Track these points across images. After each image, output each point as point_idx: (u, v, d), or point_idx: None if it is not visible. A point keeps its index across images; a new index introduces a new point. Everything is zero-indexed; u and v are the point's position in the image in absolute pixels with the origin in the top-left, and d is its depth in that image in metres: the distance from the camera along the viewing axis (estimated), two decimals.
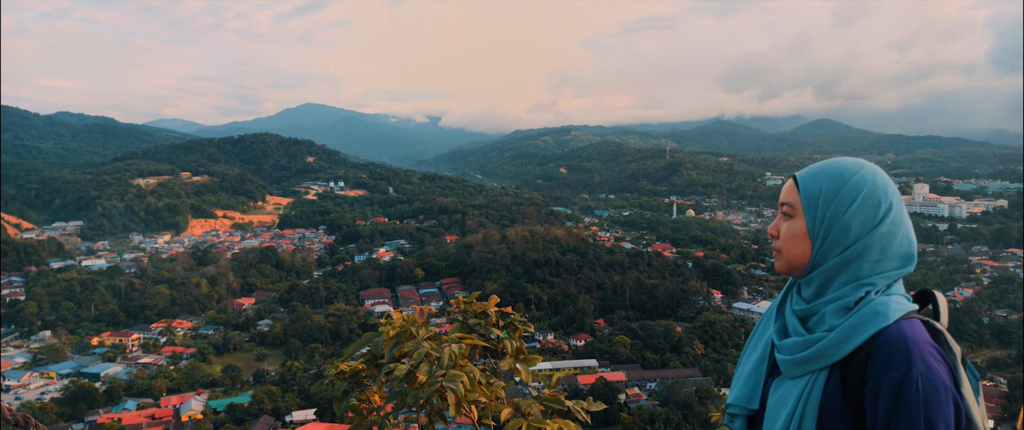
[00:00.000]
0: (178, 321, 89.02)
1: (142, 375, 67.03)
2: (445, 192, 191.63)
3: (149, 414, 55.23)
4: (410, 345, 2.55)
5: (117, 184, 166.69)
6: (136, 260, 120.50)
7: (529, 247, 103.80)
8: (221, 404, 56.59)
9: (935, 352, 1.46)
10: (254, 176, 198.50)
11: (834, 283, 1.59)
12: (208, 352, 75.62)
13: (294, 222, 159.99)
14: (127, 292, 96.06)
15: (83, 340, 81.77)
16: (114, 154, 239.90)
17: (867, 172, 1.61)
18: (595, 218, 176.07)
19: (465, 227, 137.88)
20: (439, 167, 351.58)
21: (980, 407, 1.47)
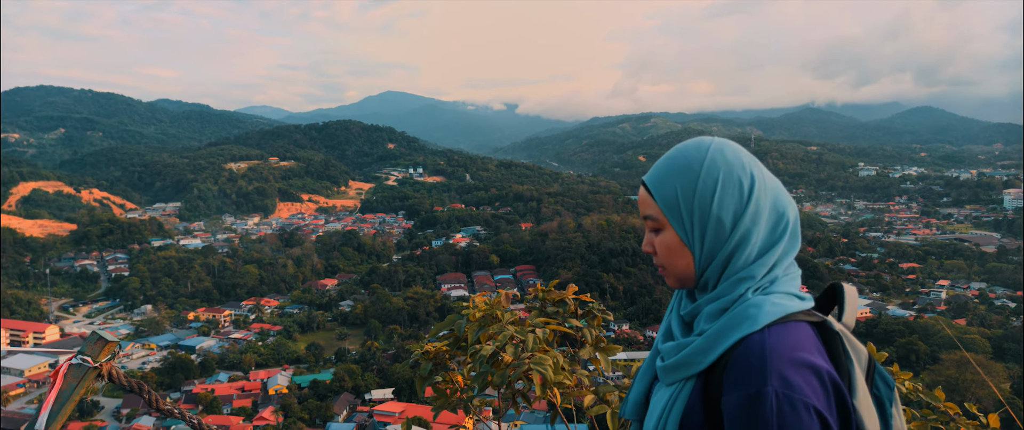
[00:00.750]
0: (266, 299, 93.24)
1: (233, 349, 70.58)
2: (521, 179, 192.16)
3: (239, 386, 58.18)
4: (495, 328, 2.58)
5: (211, 168, 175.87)
6: (228, 240, 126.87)
7: (605, 236, 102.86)
8: (305, 380, 58.96)
9: (804, 365, 1.19)
10: (337, 162, 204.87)
11: (718, 281, 1.35)
12: (293, 330, 78.86)
13: (375, 207, 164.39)
14: (220, 271, 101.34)
15: (180, 314, 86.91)
16: (209, 139, 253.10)
17: (715, 151, 1.36)
18: None
19: (540, 214, 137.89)
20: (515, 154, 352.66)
21: (896, 419, 1.29)
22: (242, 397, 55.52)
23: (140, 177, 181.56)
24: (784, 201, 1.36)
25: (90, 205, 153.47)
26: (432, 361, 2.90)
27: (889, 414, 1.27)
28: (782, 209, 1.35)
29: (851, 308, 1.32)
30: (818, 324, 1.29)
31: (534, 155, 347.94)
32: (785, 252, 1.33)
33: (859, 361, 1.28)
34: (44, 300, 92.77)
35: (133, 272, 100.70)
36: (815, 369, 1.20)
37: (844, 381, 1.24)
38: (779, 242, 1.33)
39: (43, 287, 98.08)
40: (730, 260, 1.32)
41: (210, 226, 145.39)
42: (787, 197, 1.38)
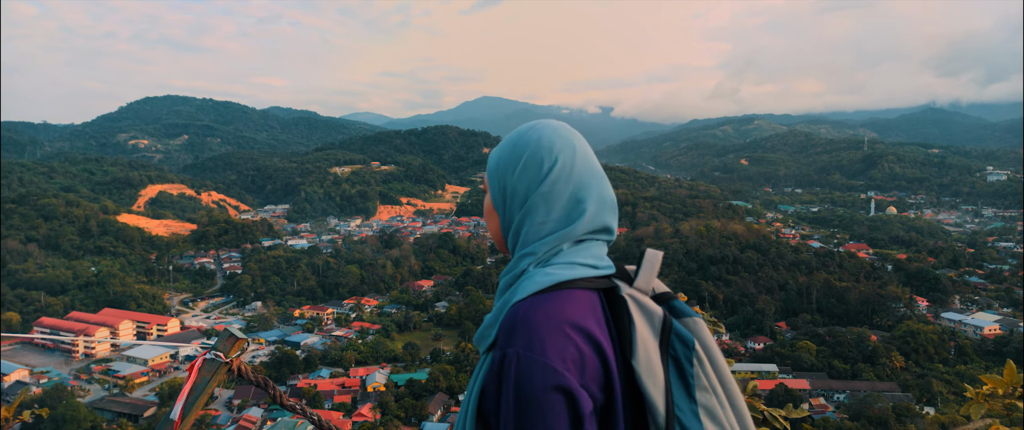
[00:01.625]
0: (366, 299, 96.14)
1: (335, 347, 73.02)
2: (615, 183, 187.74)
3: (340, 383, 60.04)
4: None
5: (318, 172, 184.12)
6: (332, 241, 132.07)
7: (704, 242, 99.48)
8: (401, 378, 60.11)
9: (556, 328, 1.20)
10: (435, 166, 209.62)
11: (513, 253, 1.44)
12: (391, 329, 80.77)
13: (470, 210, 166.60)
14: (324, 270, 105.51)
15: (287, 311, 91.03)
16: (316, 145, 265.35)
17: (537, 132, 1.45)
18: (779, 214, 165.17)
19: (635, 219, 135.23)
20: (610, 158, 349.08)
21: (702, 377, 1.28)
22: (342, 393, 57.24)
23: (253, 180, 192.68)
24: (589, 192, 1.40)
25: (209, 206, 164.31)
26: None
27: (689, 372, 1.27)
28: (582, 197, 1.39)
29: (645, 272, 1.34)
30: (608, 290, 1.33)
31: (630, 158, 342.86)
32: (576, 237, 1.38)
33: (649, 323, 1.30)
34: (167, 295, 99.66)
35: (245, 270, 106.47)
36: (571, 332, 1.21)
37: (624, 342, 1.26)
38: (569, 227, 1.37)
39: (166, 283, 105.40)
40: (520, 232, 1.41)
41: (316, 227, 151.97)
42: (597, 190, 1.41)
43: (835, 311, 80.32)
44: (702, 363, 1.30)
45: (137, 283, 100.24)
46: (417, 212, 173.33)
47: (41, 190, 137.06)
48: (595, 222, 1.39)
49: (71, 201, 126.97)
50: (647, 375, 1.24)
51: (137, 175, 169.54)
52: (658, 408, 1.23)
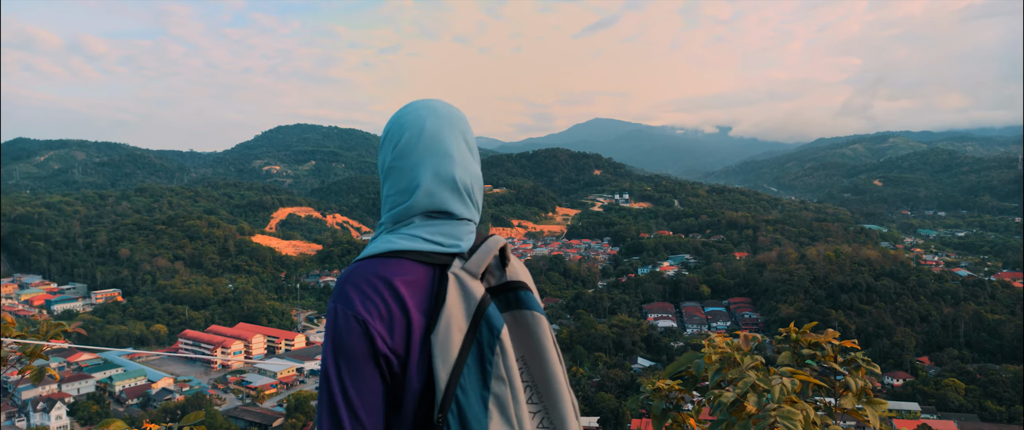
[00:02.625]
0: None
1: None
2: (734, 205, 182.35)
3: None
4: (734, 372, 2.41)
5: None
6: None
7: (833, 268, 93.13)
8: None
9: (371, 287, 1.29)
10: (545, 188, 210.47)
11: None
12: None
13: (581, 232, 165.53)
14: None
15: None
16: None
17: (402, 110, 1.52)
18: (919, 238, 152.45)
19: (757, 243, 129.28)
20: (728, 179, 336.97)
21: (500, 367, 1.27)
22: None
23: (374, 203, 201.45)
24: (424, 169, 1.43)
25: (333, 228, 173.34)
26: (664, 400, 2.78)
27: (488, 360, 1.27)
28: (417, 174, 1.43)
29: (479, 256, 1.34)
30: (442, 267, 1.36)
31: (750, 180, 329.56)
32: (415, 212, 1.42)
33: (465, 303, 1.30)
34: (294, 311, 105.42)
35: None
36: (384, 291, 1.29)
37: (431, 316, 1.30)
38: (407, 202, 1.42)
39: (294, 299, 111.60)
40: (381, 202, 1.52)
41: None
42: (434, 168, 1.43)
43: (987, 346, 72.49)
44: (505, 354, 1.28)
45: (268, 299, 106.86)
46: (528, 234, 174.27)
47: (187, 213, 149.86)
48: (431, 199, 1.42)
49: (213, 222, 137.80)
50: (440, 351, 1.26)
51: (270, 198, 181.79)
52: (439, 385, 1.25)
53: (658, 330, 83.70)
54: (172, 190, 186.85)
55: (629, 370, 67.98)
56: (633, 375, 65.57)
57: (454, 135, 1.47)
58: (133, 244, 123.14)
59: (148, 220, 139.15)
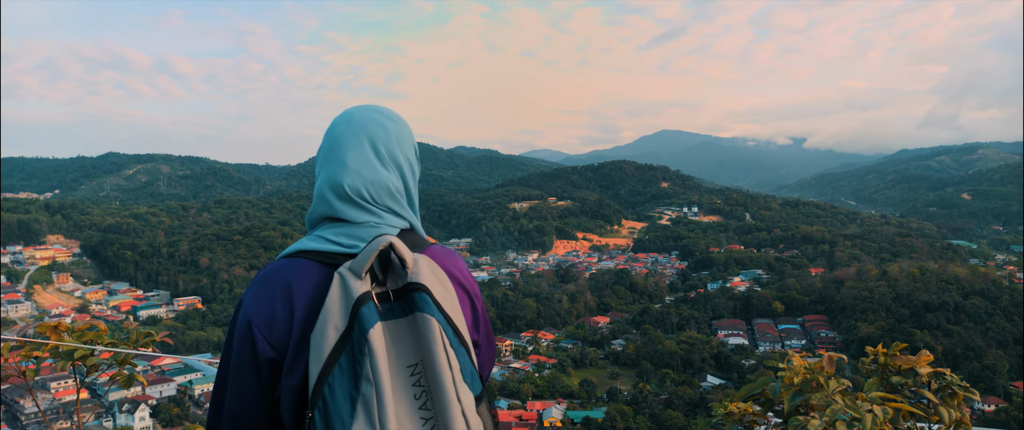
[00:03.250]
0: (542, 332, 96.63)
1: (513, 378, 73.73)
2: (809, 219, 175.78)
3: (517, 415, 60.20)
4: (818, 397, 2.23)
5: (498, 207, 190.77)
6: (510, 274, 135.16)
7: (917, 286, 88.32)
8: (577, 416, 59.03)
9: (263, 288, 1.38)
10: (611, 201, 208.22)
11: None
12: (567, 364, 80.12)
13: (647, 246, 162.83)
14: (502, 302, 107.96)
15: None
16: (496, 182, 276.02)
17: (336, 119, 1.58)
18: (1012, 255, 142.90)
19: (833, 259, 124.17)
20: (803, 192, 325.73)
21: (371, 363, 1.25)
22: (519, 426, 57.24)
23: (440, 215, 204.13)
24: (321, 176, 1.50)
25: None
26: (738, 423, 2.61)
27: (358, 360, 1.27)
28: (318, 181, 1.52)
29: (363, 256, 1.33)
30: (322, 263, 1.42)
31: (826, 193, 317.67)
32: (321, 215, 1.50)
33: (343, 303, 1.31)
34: None
35: None
36: (275, 293, 1.37)
37: (313, 313, 1.35)
38: (311, 208, 1.53)
39: None
40: None
41: (495, 260, 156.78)
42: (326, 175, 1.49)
43: None
44: (373, 355, 1.27)
45: None
46: (593, 247, 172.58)
47: (262, 224, 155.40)
48: (325, 206, 1.48)
49: (286, 233, 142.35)
50: (314, 348, 1.29)
51: None
52: (310, 381, 1.27)
53: (728, 347, 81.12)
54: (249, 202, 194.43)
55: (698, 387, 66.02)
56: (702, 393, 63.62)
57: (356, 141, 1.48)
58: (212, 253, 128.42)
59: (226, 231, 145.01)
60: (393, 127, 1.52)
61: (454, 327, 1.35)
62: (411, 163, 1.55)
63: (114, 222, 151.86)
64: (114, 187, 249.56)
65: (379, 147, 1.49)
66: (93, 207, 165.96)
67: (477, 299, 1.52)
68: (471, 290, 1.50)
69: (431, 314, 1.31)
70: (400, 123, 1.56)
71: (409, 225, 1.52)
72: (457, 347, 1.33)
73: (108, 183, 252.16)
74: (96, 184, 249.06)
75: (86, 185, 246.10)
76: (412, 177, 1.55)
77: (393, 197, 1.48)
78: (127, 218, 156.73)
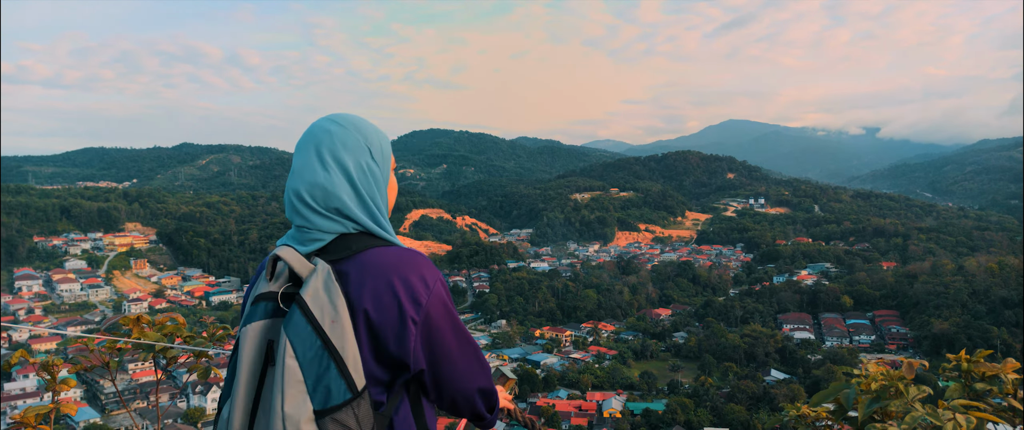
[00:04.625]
0: (603, 323, 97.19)
1: (572, 368, 74.79)
2: (882, 212, 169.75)
3: (577, 405, 61.25)
4: (897, 405, 2.13)
5: (559, 198, 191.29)
6: (571, 265, 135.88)
7: (996, 281, 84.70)
8: (637, 407, 59.58)
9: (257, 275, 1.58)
10: (675, 192, 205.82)
11: None
12: (627, 356, 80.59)
13: (711, 238, 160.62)
14: (563, 293, 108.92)
15: (528, 331, 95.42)
16: (558, 172, 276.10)
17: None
18: None
19: (907, 253, 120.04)
20: (876, 184, 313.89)
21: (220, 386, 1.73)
22: (579, 416, 58.30)
23: (501, 206, 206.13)
24: (292, 189, 1.54)
25: (462, 229, 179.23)
26: (809, 427, 2.55)
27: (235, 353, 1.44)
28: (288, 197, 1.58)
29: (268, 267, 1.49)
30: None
31: (900, 184, 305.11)
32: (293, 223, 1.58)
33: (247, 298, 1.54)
34: None
35: (492, 289, 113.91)
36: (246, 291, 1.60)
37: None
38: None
39: None
40: None
41: (556, 251, 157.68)
42: (287, 185, 1.56)
43: None
44: (237, 352, 1.42)
45: None
46: (655, 239, 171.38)
47: None
48: (287, 211, 1.56)
49: None
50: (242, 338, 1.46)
51: (404, 200, 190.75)
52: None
53: (794, 342, 79.91)
54: None
55: (761, 382, 65.49)
56: (765, 387, 63.14)
57: (306, 149, 1.54)
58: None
59: None
60: (339, 131, 1.53)
61: (325, 340, 1.36)
62: (363, 165, 1.54)
63: (188, 210, 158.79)
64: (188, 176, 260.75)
65: (323, 152, 1.51)
66: (168, 196, 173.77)
67: (430, 309, 1.46)
68: (411, 301, 1.43)
69: (289, 324, 1.37)
70: (349, 127, 1.55)
71: (362, 227, 1.52)
72: (311, 361, 1.35)
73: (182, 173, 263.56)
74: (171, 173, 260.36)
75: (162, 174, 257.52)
76: (365, 178, 1.53)
77: (338, 199, 1.49)
78: (200, 206, 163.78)
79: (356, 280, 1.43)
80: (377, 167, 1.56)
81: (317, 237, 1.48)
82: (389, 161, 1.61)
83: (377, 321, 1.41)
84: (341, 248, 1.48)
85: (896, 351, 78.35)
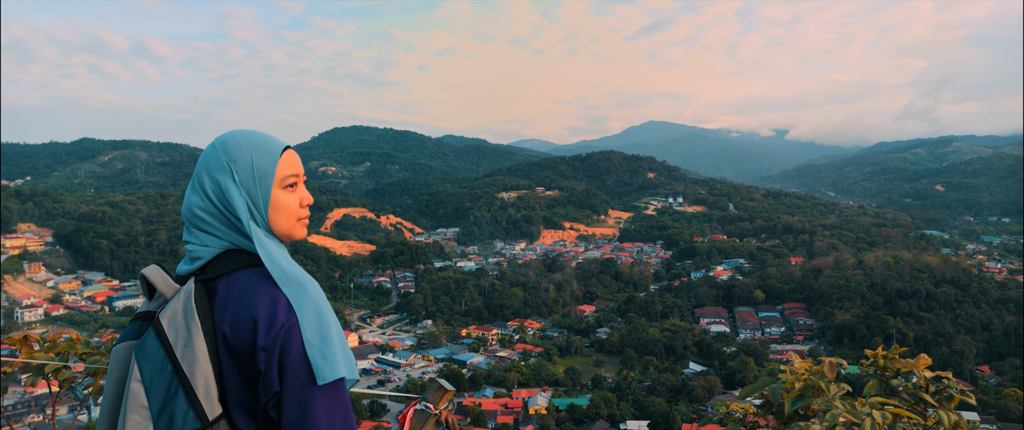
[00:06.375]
0: (529, 321, 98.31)
1: (499, 367, 75.26)
2: (791, 210, 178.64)
3: (503, 403, 61.74)
4: (819, 402, 2.25)
5: (486, 197, 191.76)
6: (498, 264, 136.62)
7: (891, 275, 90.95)
8: (562, 403, 60.71)
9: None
10: (598, 191, 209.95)
11: None
12: (553, 353, 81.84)
13: (633, 236, 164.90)
14: (489, 291, 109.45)
15: (455, 330, 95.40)
16: (485, 171, 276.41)
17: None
18: (982, 245, 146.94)
19: (813, 248, 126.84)
20: (785, 183, 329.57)
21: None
22: (505, 413, 58.81)
23: (427, 205, 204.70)
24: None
25: (386, 229, 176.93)
26: (739, 423, 2.70)
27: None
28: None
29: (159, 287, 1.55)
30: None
31: (807, 184, 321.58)
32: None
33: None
34: (348, 311, 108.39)
35: (418, 289, 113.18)
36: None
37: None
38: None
39: (348, 299, 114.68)
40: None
41: (483, 250, 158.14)
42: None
43: None
44: (109, 369, 1.48)
45: None
46: (579, 237, 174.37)
47: None
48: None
49: None
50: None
51: (325, 199, 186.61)
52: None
53: (710, 335, 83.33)
54: None
55: (680, 374, 68.02)
56: (684, 379, 65.62)
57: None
58: None
59: None
60: (209, 152, 1.54)
61: (176, 365, 1.35)
62: (222, 184, 1.51)
63: (88, 210, 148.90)
64: (88, 174, 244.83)
65: (194, 173, 1.57)
66: (66, 194, 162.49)
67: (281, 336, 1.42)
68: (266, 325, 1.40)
69: (141, 347, 1.40)
70: (218, 147, 1.55)
71: (235, 245, 1.52)
72: (158, 386, 1.34)
73: (82, 170, 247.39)
74: (70, 171, 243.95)
75: (59, 172, 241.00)
76: (219, 197, 1.51)
77: (199, 218, 1.51)
78: (102, 206, 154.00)
79: (222, 300, 1.42)
80: (235, 186, 1.50)
81: (197, 255, 1.50)
82: (267, 178, 1.54)
83: (233, 344, 1.38)
84: (219, 267, 1.49)
85: (804, 342, 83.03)
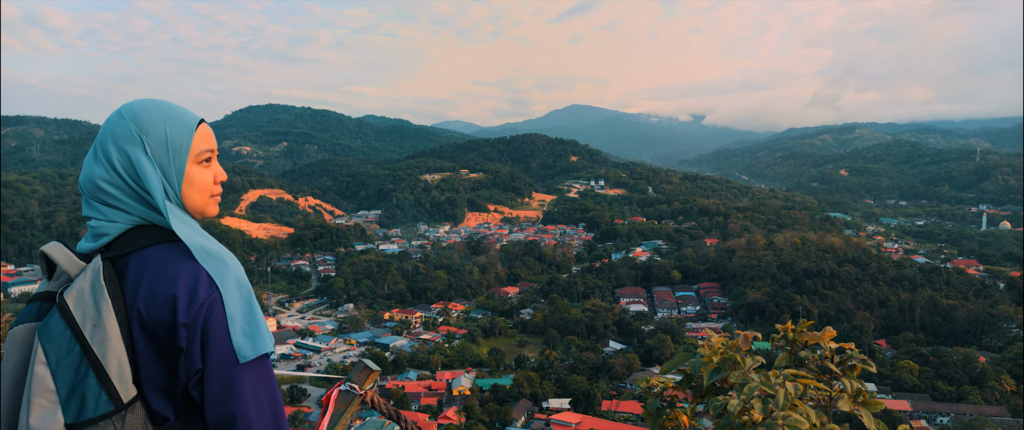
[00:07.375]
0: (453, 304, 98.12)
1: (422, 350, 74.91)
2: (706, 193, 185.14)
3: (427, 385, 61.57)
4: (737, 375, 2.32)
5: (409, 179, 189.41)
6: (421, 247, 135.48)
7: (799, 255, 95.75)
8: (486, 383, 61.03)
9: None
10: (522, 174, 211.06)
11: None
12: (477, 334, 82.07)
13: (556, 218, 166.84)
14: (413, 274, 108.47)
15: (377, 314, 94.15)
16: (407, 152, 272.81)
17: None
18: (880, 227, 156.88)
19: (727, 230, 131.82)
20: (701, 167, 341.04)
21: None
22: (429, 396, 58.66)
23: (348, 186, 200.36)
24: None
25: (305, 211, 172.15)
26: (658, 398, 2.73)
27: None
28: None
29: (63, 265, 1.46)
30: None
31: (722, 168, 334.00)
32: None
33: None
34: (265, 295, 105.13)
35: (338, 273, 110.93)
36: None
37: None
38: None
39: (265, 284, 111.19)
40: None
41: (406, 233, 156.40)
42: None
43: (941, 330, 75.58)
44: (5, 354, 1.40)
45: None
46: (504, 219, 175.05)
47: None
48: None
49: None
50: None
51: (240, 180, 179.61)
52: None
53: (630, 314, 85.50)
54: None
55: (601, 353, 69.55)
56: (605, 358, 67.16)
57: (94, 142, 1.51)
58: None
59: None
60: (116, 121, 1.45)
61: (84, 346, 1.29)
62: (127, 155, 1.43)
63: None
64: None
65: (96, 144, 1.47)
66: None
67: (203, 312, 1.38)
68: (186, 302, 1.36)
69: (44, 328, 1.32)
70: (127, 116, 1.46)
71: (144, 220, 1.45)
72: (66, 368, 1.28)
73: None
74: None
75: None
76: (132, 170, 1.43)
77: (106, 193, 1.42)
78: None
79: (133, 278, 1.36)
80: (148, 159, 1.43)
81: (102, 231, 1.42)
82: (182, 152, 1.48)
83: (149, 322, 1.33)
84: (127, 243, 1.41)
85: (717, 320, 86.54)
